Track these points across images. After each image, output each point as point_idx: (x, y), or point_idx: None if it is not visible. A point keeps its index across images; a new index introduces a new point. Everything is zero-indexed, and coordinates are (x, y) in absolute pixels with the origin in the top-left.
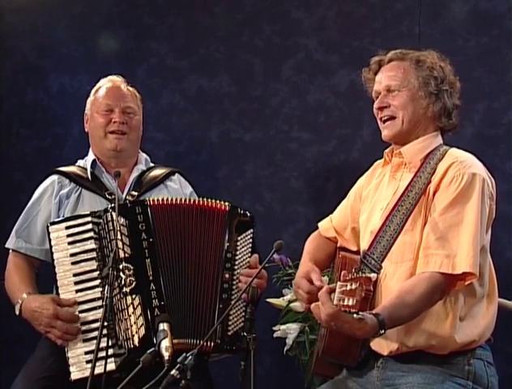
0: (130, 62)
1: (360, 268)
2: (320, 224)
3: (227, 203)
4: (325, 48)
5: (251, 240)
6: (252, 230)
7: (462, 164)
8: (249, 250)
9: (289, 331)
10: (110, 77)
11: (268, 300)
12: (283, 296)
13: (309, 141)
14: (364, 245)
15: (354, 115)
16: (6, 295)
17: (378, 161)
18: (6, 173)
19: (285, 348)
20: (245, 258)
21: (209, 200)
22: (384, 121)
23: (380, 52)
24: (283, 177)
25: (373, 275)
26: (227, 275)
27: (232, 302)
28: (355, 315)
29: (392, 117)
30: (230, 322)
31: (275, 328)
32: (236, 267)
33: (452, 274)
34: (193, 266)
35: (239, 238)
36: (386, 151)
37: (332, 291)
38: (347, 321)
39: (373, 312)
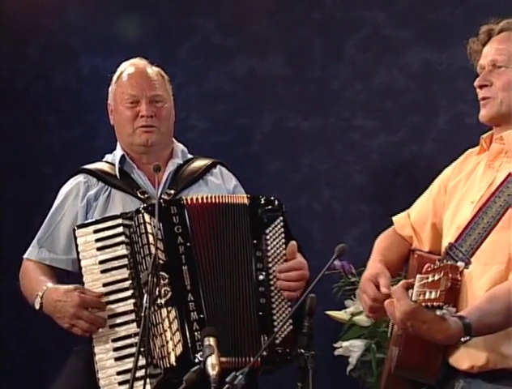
0: (171, 41)
1: (446, 259)
2: (395, 219)
3: (245, 195)
4: (394, 21)
5: (283, 229)
6: (281, 218)
7: None
8: (283, 241)
9: (352, 348)
10: (132, 60)
11: (328, 312)
12: (345, 308)
13: (374, 130)
14: (447, 241)
15: (428, 100)
16: (32, 310)
17: (471, 149)
18: (32, 166)
19: (348, 369)
20: (278, 252)
21: (228, 195)
22: (482, 99)
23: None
24: (345, 171)
25: (460, 264)
26: (261, 277)
27: (274, 306)
28: (437, 311)
29: (490, 98)
30: (276, 329)
31: (336, 345)
32: (270, 265)
33: None
34: (229, 272)
35: (267, 231)
36: (484, 136)
37: (410, 286)
38: (427, 320)
39: (458, 314)
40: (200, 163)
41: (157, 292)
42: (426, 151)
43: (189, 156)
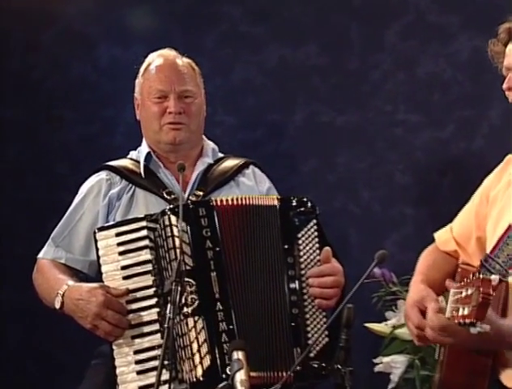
0: (195, 30)
1: (480, 272)
2: (437, 235)
3: (275, 196)
4: (440, 6)
5: (316, 233)
6: (315, 221)
7: None
8: (317, 245)
9: (394, 364)
10: (161, 51)
11: (367, 325)
12: (385, 320)
13: (419, 125)
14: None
15: (479, 92)
16: (46, 322)
17: (511, 155)
18: (47, 165)
19: (389, 387)
20: (312, 257)
21: (258, 196)
22: None
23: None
24: (386, 170)
25: (493, 278)
26: (293, 285)
27: (308, 316)
28: (471, 329)
29: None
30: (310, 341)
31: (376, 361)
32: (303, 273)
33: None
34: (259, 280)
35: (299, 236)
36: None
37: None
38: (466, 339)
39: None
40: (231, 163)
41: (183, 301)
42: (476, 149)
43: (220, 154)
